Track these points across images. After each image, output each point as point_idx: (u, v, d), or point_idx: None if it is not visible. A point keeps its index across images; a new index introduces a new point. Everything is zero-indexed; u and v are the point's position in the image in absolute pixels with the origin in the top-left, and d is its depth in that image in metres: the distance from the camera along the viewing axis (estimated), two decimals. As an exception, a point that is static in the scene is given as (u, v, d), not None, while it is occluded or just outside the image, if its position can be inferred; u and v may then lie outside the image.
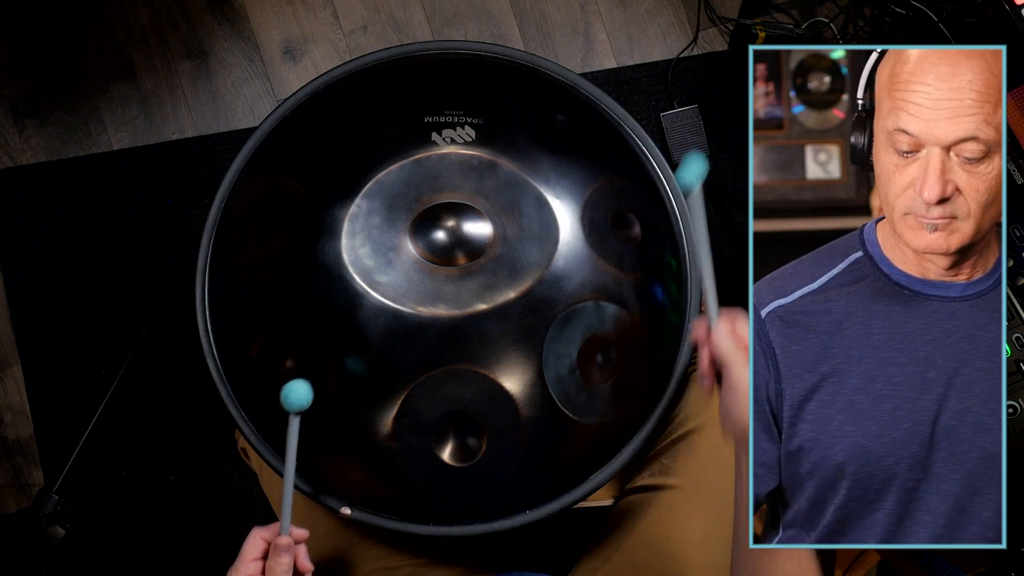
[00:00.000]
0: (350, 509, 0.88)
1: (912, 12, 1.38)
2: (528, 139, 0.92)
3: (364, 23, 1.58)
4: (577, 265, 0.89)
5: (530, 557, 1.07)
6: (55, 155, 1.55)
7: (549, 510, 0.89)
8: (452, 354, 0.87)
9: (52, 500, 1.38)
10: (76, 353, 1.53)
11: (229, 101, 1.57)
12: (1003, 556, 1.00)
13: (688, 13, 1.60)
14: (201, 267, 0.93)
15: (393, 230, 0.89)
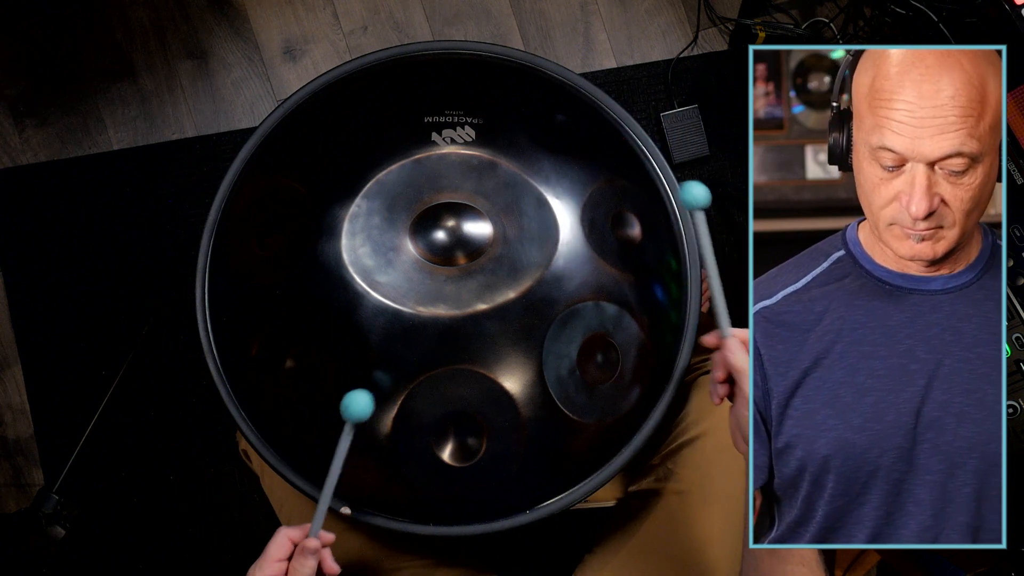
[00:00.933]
0: (349, 509, 0.88)
1: (912, 12, 1.38)
2: (528, 139, 0.92)
3: (364, 23, 1.58)
4: (577, 265, 0.89)
5: (530, 557, 1.07)
6: (55, 155, 1.55)
7: (549, 510, 0.89)
8: (452, 354, 0.87)
9: (52, 500, 1.38)
10: (76, 353, 1.53)
11: (229, 101, 1.57)
12: (1003, 556, 1.00)
13: (688, 13, 1.60)
14: (201, 267, 0.93)
15: (393, 230, 0.89)
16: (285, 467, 0.90)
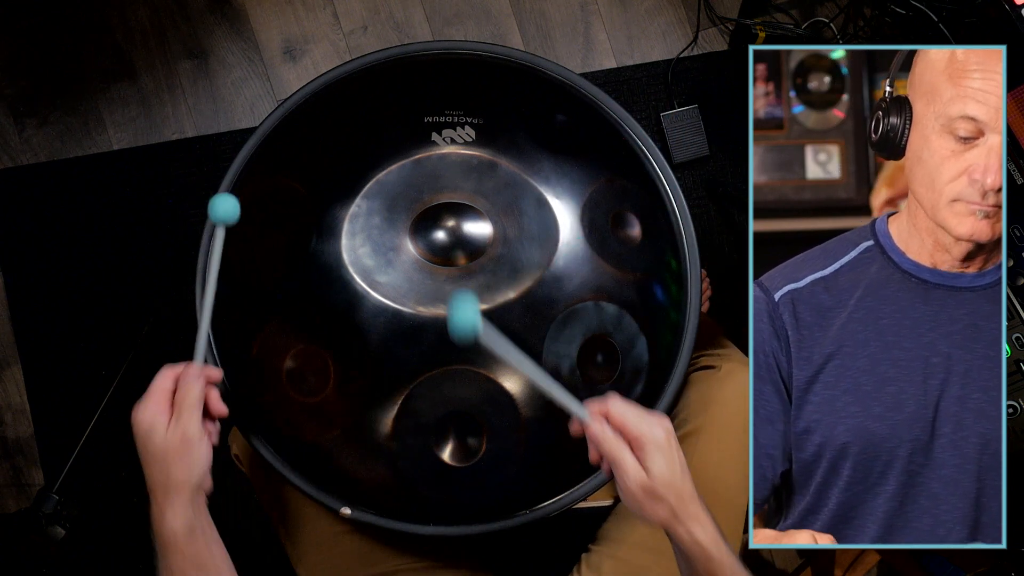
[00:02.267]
0: (350, 509, 0.88)
1: (912, 12, 1.38)
2: (528, 139, 0.92)
3: (364, 23, 1.58)
4: (577, 265, 0.89)
5: (530, 557, 1.07)
6: (55, 155, 1.55)
7: (549, 510, 0.89)
8: (452, 354, 0.87)
9: (52, 500, 1.38)
10: (76, 353, 1.53)
11: (229, 101, 1.57)
12: (1003, 556, 0.99)
13: (688, 13, 1.60)
14: (201, 267, 0.93)
15: (393, 230, 0.89)
16: (285, 467, 0.90)
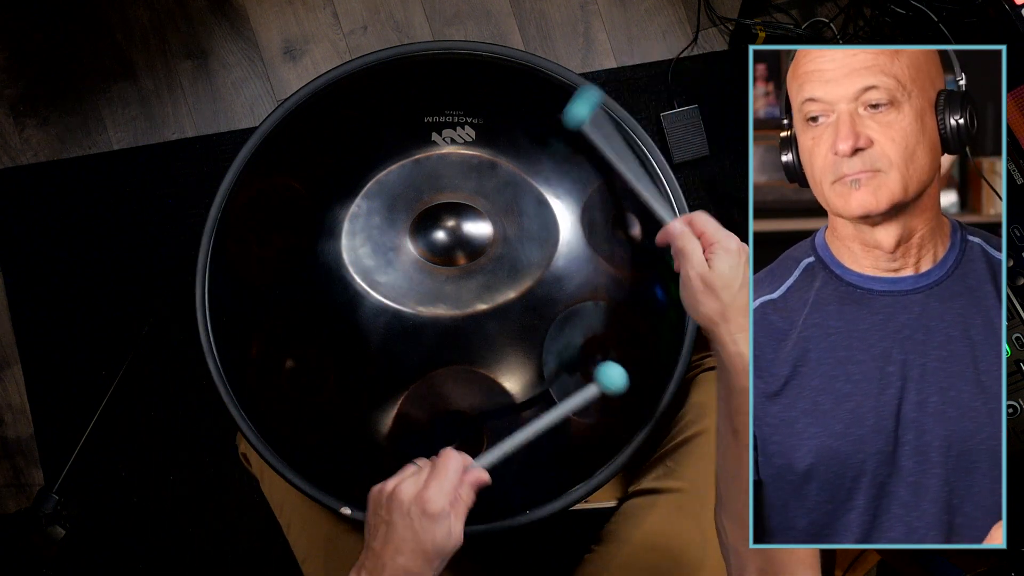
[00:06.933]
0: (350, 509, 0.88)
1: (912, 12, 1.38)
2: (528, 139, 0.92)
3: (364, 23, 1.58)
4: (577, 265, 0.89)
5: (530, 557, 1.07)
6: (55, 155, 1.55)
7: (549, 510, 0.89)
8: (452, 354, 0.87)
9: (52, 500, 1.38)
10: (76, 353, 1.53)
11: (229, 101, 1.57)
12: (1003, 556, 1.00)
13: (688, 13, 1.60)
14: (201, 267, 0.93)
15: (393, 230, 0.89)
16: (285, 467, 0.90)
